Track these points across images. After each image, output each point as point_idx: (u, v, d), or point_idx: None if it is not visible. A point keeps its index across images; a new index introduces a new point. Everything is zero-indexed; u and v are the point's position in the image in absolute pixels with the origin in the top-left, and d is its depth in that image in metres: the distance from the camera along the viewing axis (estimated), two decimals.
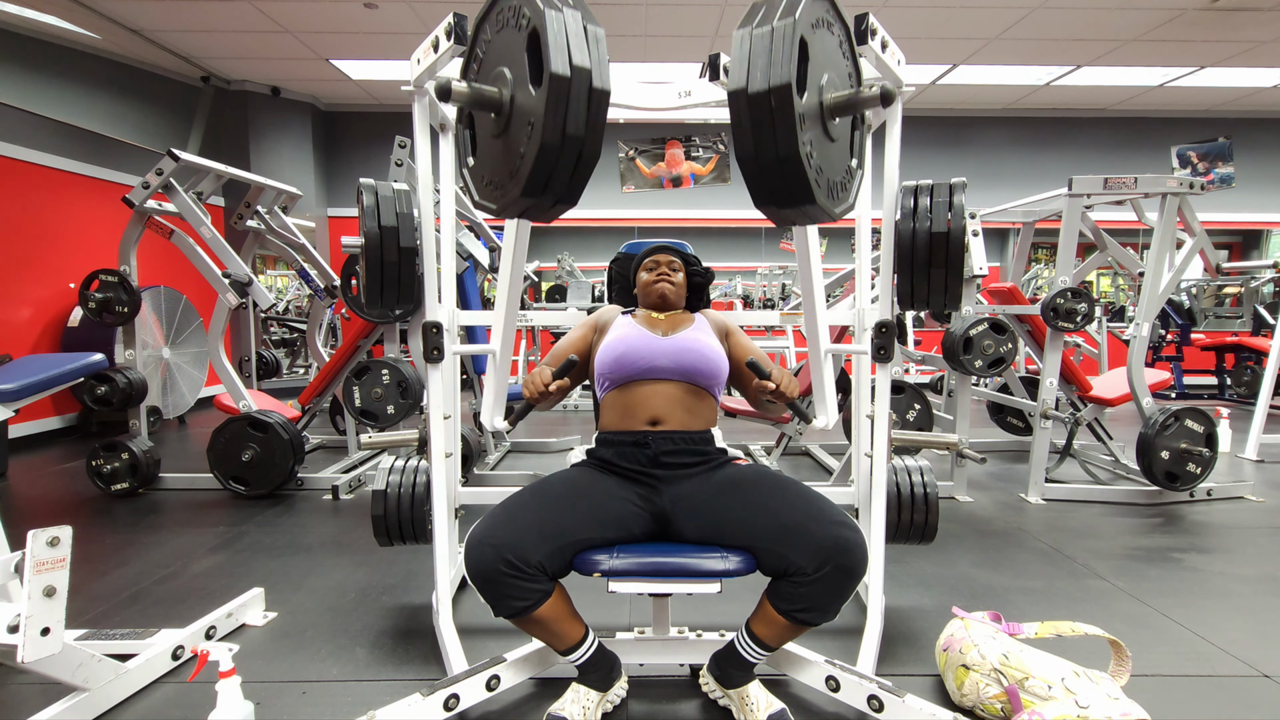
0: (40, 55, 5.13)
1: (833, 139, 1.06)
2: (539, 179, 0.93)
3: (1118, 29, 5.22)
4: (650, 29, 5.24)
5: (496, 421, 1.75)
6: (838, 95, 1.02)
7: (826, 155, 1.03)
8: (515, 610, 1.28)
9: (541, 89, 0.90)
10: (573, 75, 0.89)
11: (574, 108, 0.90)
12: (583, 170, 0.96)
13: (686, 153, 2.93)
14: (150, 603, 2.07)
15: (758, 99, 0.91)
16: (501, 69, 1.00)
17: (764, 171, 0.95)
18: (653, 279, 1.69)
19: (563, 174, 0.94)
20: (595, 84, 0.92)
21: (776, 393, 1.40)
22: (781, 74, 0.90)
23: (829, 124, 1.04)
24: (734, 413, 3.44)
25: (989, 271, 3.41)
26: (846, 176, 1.12)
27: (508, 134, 0.99)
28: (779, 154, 0.93)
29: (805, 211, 0.99)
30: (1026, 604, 2.05)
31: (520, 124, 0.96)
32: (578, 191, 0.98)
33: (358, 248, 1.96)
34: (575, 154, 0.93)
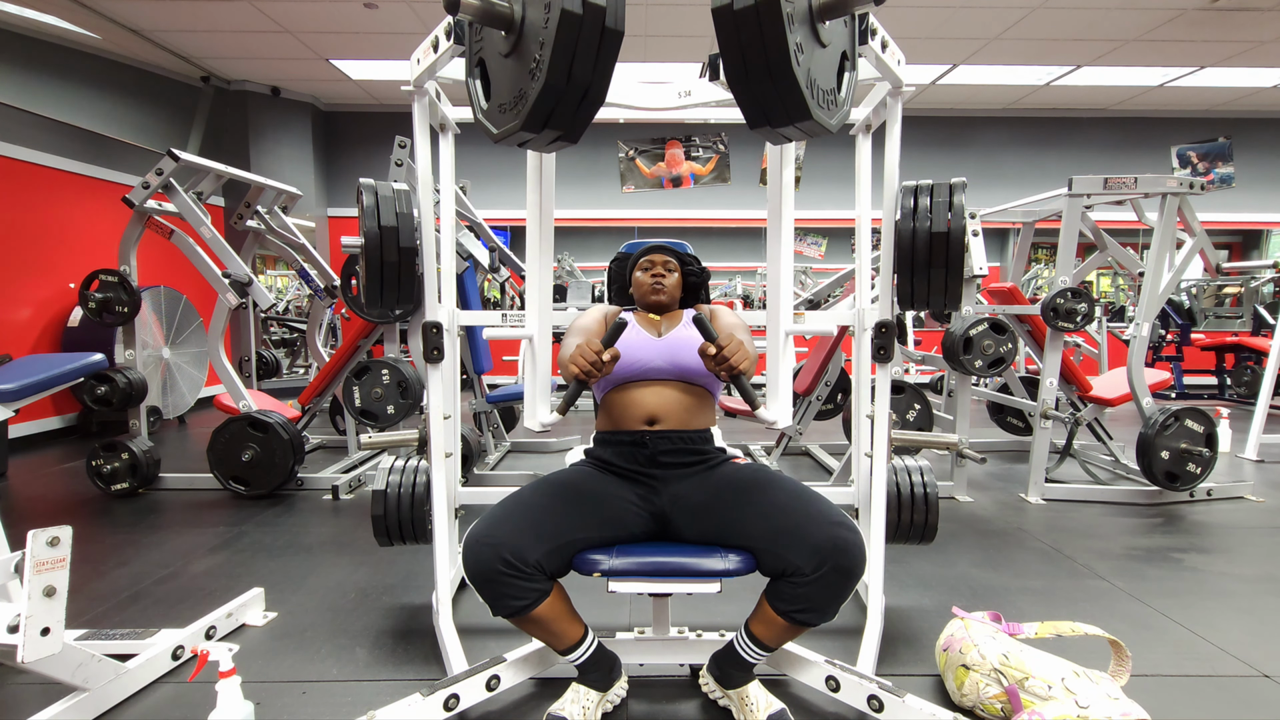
0: (40, 55, 5.13)
1: (823, 44, 1.00)
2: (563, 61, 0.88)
3: (1118, 29, 5.22)
4: (650, 29, 5.24)
5: (543, 415, 1.57)
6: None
7: (817, 61, 0.97)
8: (513, 609, 1.28)
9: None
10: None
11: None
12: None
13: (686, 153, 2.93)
14: (150, 603, 2.07)
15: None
16: None
17: (739, 22, 0.88)
18: (647, 279, 1.68)
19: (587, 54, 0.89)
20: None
21: (718, 358, 1.24)
22: None
23: (819, 27, 0.98)
24: (734, 412, 3.44)
25: (989, 271, 3.41)
26: (832, 95, 1.05)
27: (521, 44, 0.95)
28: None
29: (781, 93, 0.93)
30: (1026, 604, 2.05)
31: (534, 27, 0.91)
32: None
33: (358, 248, 1.96)
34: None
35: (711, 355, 1.25)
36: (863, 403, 1.91)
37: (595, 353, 1.25)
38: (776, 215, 1.58)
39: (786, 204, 1.58)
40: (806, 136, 1.00)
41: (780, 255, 1.58)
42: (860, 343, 1.91)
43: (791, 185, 1.57)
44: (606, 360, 1.26)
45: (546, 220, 1.60)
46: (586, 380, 1.27)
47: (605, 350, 1.25)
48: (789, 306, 1.60)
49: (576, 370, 1.26)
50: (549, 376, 1.64)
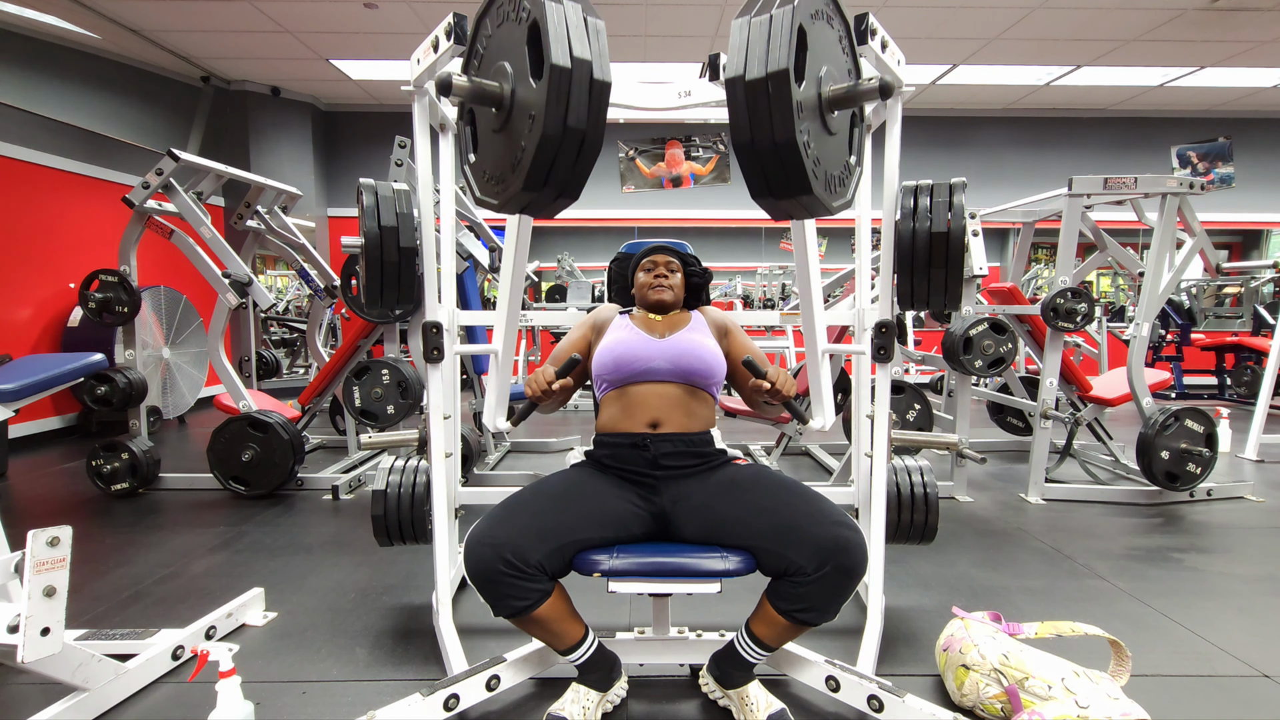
0: (40, 55, 5.12)
1: (831, 132, 1.05)
2: (540, 171, 0.93)
3: (1118, 29, 5.22)
4: (650, 29, 5.24)
5: (499, 422, 1.73)
6: (836, 88, 1.01)
7: (824, 147, 1.02)
8: (515, 610, 1.28)
9: (542, 81, 0.89)
10: (574, 66, 0.89)
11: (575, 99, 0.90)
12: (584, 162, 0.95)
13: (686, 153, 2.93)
14: (150, 603, 2.07)
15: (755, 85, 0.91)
16: (502, 64, 1.00)
17: (760, 159, 0.94)
18: (650, 280, 1.68)
19: (564, 166, 0.93)
20: (596, 75, 0.91)
21: (772, 392, 1.38)
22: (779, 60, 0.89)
23: (827, 117, 1.03)
24: (734, 413, 3.44)
25: (989, 271, 3.41)
26: (844, 172, 1.11)
27: (509, 128, 0.99)
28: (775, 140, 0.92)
29: (802, 203, 0.98)
30: (1026, 604, 2.05)
31: (521, 117, 0.95)
32: (580, 184, 0.97)
33: (358, 248, 1.96)
34: (577, 145, 0.92)
35: (767, 390, 1.38)
36: (863, 403, 1.91)
37: (548, 382, 1.38)
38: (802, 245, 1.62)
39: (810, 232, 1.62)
40: (807, 214, 1.04)
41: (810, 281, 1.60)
42: (860, 343, 1.90)
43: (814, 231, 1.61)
44: (555, 390, 1.39)
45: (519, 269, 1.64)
46: (537, 403, 1.42)
47: (557, 381, 1.39)
48: (824, 328, 1.68)
49: (529, 393, 1.40)
50: (508, 387, 1.74)
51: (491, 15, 1.05)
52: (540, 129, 0.90)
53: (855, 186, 1.14)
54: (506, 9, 0.99)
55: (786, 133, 0.91)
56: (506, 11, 0.99)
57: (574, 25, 0.89)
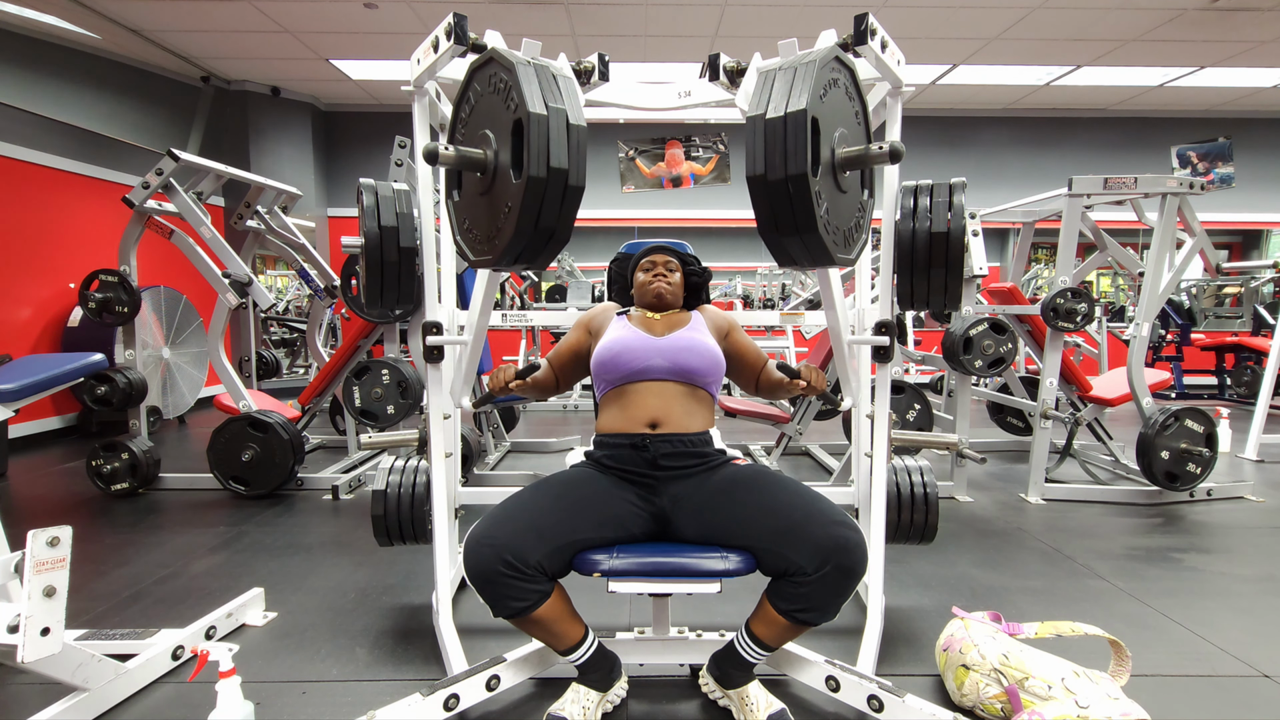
0: (40, 55, 5.12)
1: (843, 191, 1.13)
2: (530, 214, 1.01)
3: (1118, 29, 5.22)
4: (650, 29, 5.24)
5: (464, 403, 1.81)
6: (848, 151, 1.09)
7: (834, 201, 1.10)
8: (514, 611, 1.28)
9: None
10: (550, 114, 0.98)
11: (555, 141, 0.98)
12: (570, 202, 1.04)
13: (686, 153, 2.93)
14: (150, 603, 2.07)
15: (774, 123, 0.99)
16: (486, 132, 1.08)
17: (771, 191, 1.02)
18: (649, 279, 1.68)
19: (552, 207, 1.02)
20: (571, 120, 1.00)
21: (808, 389, 1.44)
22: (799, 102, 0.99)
23: (839, 176, 1.11)
24: (734, 412, 3.45)
25: (989, 271, 3.41)
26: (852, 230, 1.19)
27: (494, 188, 1.07)
28: (788, 173, 0.99)
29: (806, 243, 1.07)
30: (1026, 604, 2.05)
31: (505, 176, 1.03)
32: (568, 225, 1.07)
33: (358, 248, 1.96)
34: (561, 185, 1.00)
35: (803, 389, 1.44)
36: (863, 403, 1.91)
37: (505, 381, 1.46)
38: None
39: None
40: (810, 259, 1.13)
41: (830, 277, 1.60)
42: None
43: None
44: (512, 388, 1.47)
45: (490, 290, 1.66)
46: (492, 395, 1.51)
47: (514, 381, 1.46)
48: (846, 321, 1.70)
49: (491, 385, 1.47)
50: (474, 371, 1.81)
51: (481, 77, 1.11)
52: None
53: (861, 247, 1.22)
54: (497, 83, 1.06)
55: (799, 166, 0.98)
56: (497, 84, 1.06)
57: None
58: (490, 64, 1.08)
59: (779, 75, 1.03)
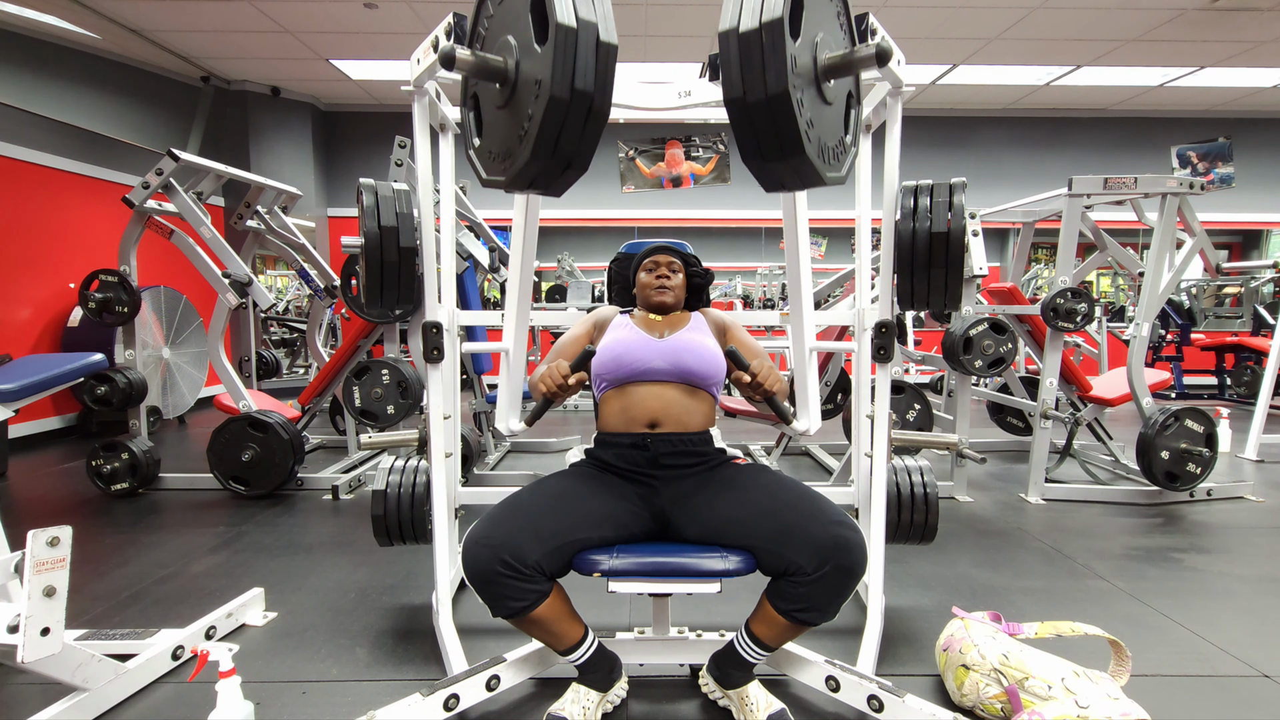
0: (40, 55, 5.12)
1: (827, 101, 1.02)
2: (549, 139, 0.91)
3: (1118, 29, 5.22)
4: (650, 29, 5.24)
5: (512, 424, 1.69)
6: (832, 54, 0.99)
7: (820, 115, 1.00)
8: (513, 611, 1.28)
9: (548, 45, 0.88)
10: (580, 27, 0.87)
11: (582, 60, 0.88)
12: (593, 128, 0.93)
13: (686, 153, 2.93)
14: (150, 603, 2.07)
15: (748, 36, 0.88)
16: (506, 38, 0.98)
17: (752, 114, 0.91)
18: (652, 280, 1.68)
19: (572, 132, 0.92)
20: (602, 37, 0.89)
21: (753, 385, 1.35)
22: (773, 10, 0.87)
23: (823, 85, 1.00)
24: (734, 413, 3.44)
25: (989, 271, 3.41)
26: (840, 146, 1.08)
27: (513, 102, 0.98)
28: (768, 93, 0.89)
29: (794, 166, 0.95)
30: (1026, 604, 2.05)
31: (527, 88, 0.94)
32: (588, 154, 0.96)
33: (358, 248, 1.96)
34: (585, 109, 0.91)
35: (747, 383, 1.35)
36: (863, 403, 1.91)
37: (563, 376, 1.35)
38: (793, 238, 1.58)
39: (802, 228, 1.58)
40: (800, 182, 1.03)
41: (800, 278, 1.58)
42: (860, 343, 1.90)
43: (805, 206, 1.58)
44: (571, 384, 1.36)
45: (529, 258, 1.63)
46: (552, 399, 1.37)
47: (572, 375, 1.35)
48: (811, 324, 1.65)
49: (544, 389, 1.37)
50: (521, 387, 1.71)
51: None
52: (548, 93, 0.88)
53: (850, 163, 1.11)
54: None
55: (779, 85, 0.88)
56: None
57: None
58: None
59: None
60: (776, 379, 1.37)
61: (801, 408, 1.67)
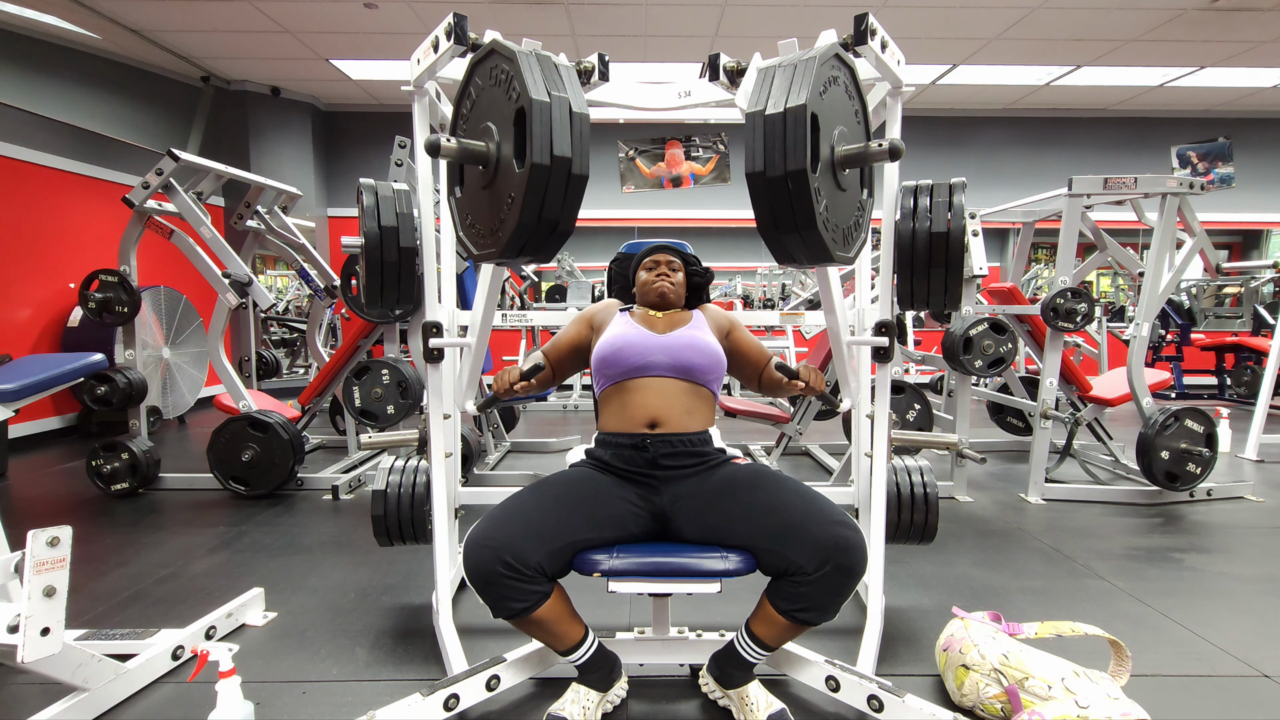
0: (40, 55, 5.12)
1: (841, 188, 1.13)
2: (534, 204, 1.00)
3: (1118, 29, 5.22)
4: (650, 29, 5.24)
5: (467, 406, 1.82)
6: (848, 149, 1.09)
7: (834, 199, 1.10)
8: (514, 611, 1.28)
9: (524, 170, 0.97)
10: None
11: (552, 193, 0.99)
12: (574, 191, 1.02)
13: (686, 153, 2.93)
14: (150, 603, 2.07)
15: (773, 119, 0.99)
16: (489, 124, 1.07)
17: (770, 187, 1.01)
18: (652, 278, 1.68)
19: (555, 195, 1.01)
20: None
21: (806, 389, 1.46)
22: (799, 97, 0.98)
23: (839, 174, 1.11)
24: (734, 412, 3.45)
25: (989, 271, 3.41)
26: (852, 229, 1.19)
27: (496, 180, 1.06)
28: (787, 169, 0.99)
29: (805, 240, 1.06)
30: (1026, 604, 2.05)
31: (508, 166, 1.03)
32: (572, 216, 1.06)
33: (358, 248, 1.96)
34: (565, 174, 0.99)
35: (801, 389, 1.46)
36: (863, 403, 1.91)
37: (510, 383, 1.46)
38: None
39: None
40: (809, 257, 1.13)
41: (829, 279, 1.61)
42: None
43: None
44: (518, 389, 1.47)
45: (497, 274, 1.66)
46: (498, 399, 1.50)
47: (519, 383, 1.46)
48: (845, 322, 1.71)
49: (496, 387, 1.48)
50: (478, 374, 1.81)
51: (482, 71, 1.11)
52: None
53: (859, 248, 1.21)
54: (498, 75, 1.06)
55: (798, 163, 0.98)
56: (499, 77, 1.06)
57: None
58: (491, 56, 1.08)
59: (779, 72, 1.03)
60: (821, 378, 1.47)
61: (844, 389, 1.82)
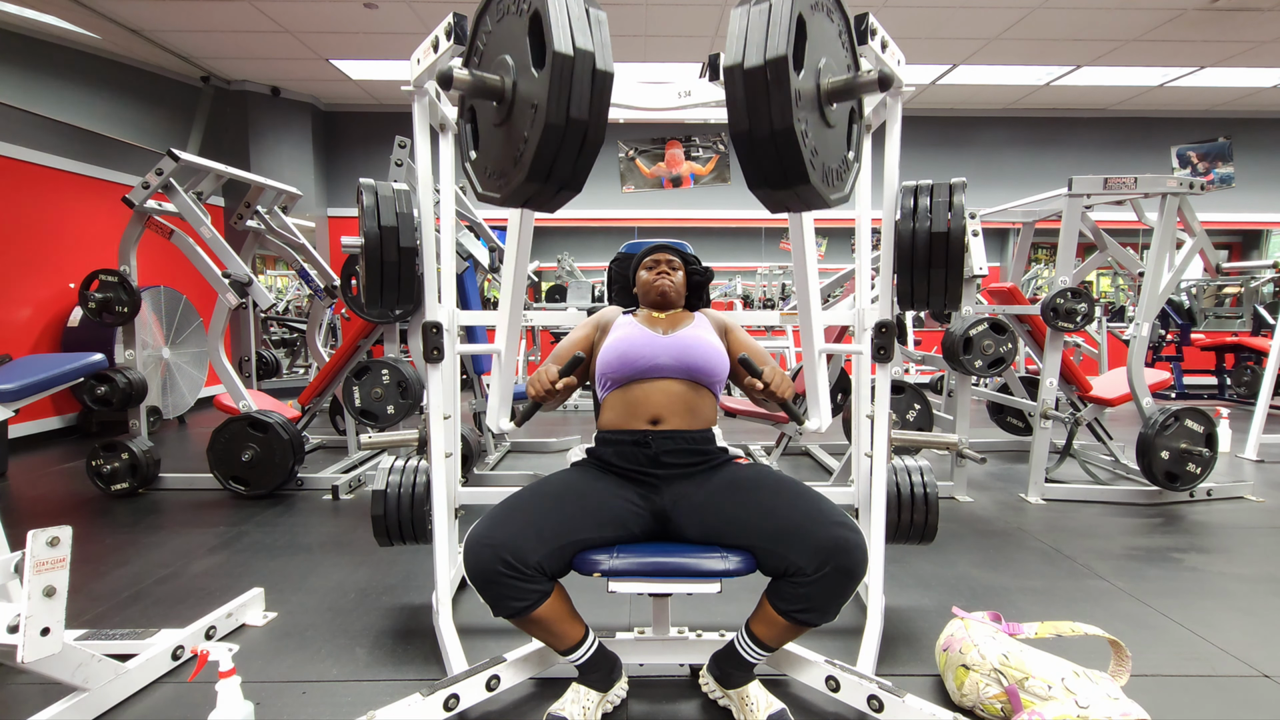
0: (40, 55, 5.12)
1: (830, 125, 1.04)
2: (543, 163, 0.92)
3: (1118, 29, 5.22)
4: (650, 29, 5.24)
5: (502, 423, 1.71)
6: (835, 79, 1.01)
7: (823, 140, 1.02)
8: (514, 610, 1.28)
9: (544, 70, 0.89)
10: (576, 56, 0.88)
11: (578, 89, 0.89)
12: (587, 154, 0.94)
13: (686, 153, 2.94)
14: (150, 603, 2.07)
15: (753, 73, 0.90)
16: (503, 57, 0.99)
17: (757, 148, 0.93)
18: (652, 277, 1.69)
19: (567, 158, 0.93)
20: (598, 66, 0.90)
21: (766, 391, 1.40)
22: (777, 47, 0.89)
23: (826, 109, 1.02)
24: (734, 413, 3.44)
25: (989, 271, 3.41)
26: (843, 166, 1.10)
27: (510, 121, 0.98)
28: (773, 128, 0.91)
29: (799, 193, 0.98)
30: (1026, 604, 2.05)
31: (523, 110, 0.94)
32: (582, 176, 0.97)
33: (358, 248, 1.96)
34: (579, 137, 0.92)
35: (760, 390, 1.38)
36: (863, 403, 1.91)
37: (551, 381, 1.38)
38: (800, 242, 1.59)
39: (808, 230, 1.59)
40: (804, 206, 1.03)
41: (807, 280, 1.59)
42: (860, 343, 1.90)
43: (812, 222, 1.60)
44: (559, 389, 1.38)
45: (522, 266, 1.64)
46: (540, 402, 1.41)
47: (560, 380, 1.38)
48: (820, 327, 1.66)
49: (532, 393, 1.39)
50: (511, 387, 1.74)
51: (491, 11, 1.05)
52: (543, 119, 0.89)
53: (853, 181, 1.13)
54: (507, 3, 0.99)
55: (784, 121, 0.90)
56: (507, 6, 0.99)
57: (576, 16, 0.88)
58: None
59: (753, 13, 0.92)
60: (787, 384, 1.40)
61: (812, 406, 1.69)
